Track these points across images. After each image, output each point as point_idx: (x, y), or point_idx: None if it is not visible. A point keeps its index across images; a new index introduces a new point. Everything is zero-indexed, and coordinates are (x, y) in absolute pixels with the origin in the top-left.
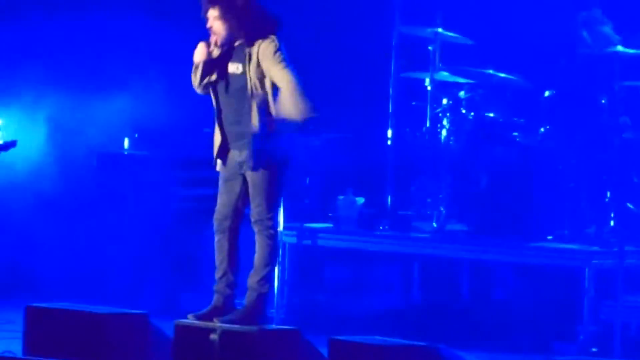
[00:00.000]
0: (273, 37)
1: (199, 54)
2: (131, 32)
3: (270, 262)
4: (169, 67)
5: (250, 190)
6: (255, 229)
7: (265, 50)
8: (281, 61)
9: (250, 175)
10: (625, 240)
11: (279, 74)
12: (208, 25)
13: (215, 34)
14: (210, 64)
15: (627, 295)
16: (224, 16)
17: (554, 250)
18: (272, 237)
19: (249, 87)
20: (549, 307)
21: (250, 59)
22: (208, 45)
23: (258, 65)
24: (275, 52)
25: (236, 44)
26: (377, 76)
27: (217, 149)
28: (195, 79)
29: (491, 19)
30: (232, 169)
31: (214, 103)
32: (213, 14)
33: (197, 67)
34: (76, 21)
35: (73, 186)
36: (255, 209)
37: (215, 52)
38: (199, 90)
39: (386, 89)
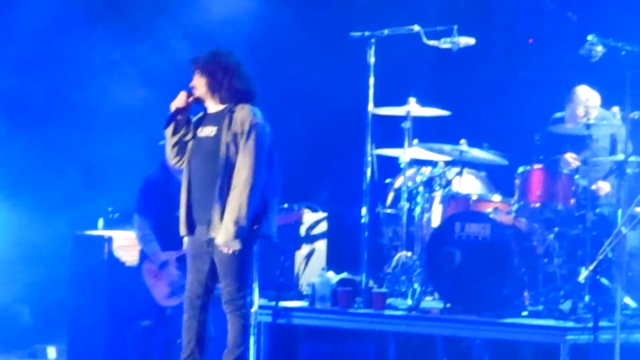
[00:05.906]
0: (249, 106)
1: (178, 100)
2: None
3: (243, 341)
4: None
5: (219, 269)
6: (227, 309)
7: (244, 119)
8: (253, 149)
9: (217, 254)
10: (599, 316)
11: (242, 162)
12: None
13: (194, 88)
14: (186, 119)
15: None
16: (202, 71)
17: (528, 327)
18: (244, 316)
19: (221, 150)
20: None
21: (229, 122)
22: (189, 95)
23: (233, 129)
24: (251, 130)
25: (211, 110)
26: (351, 153)
27: (184, 224)
28: (171, 138)
29: (465, 94)
30: (199, 246)
31: (185, 172)
32: (194, 69)
33: (171, 119)
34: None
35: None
36: (226, 289)
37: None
38: (172, 156)
39: (360, 166)
